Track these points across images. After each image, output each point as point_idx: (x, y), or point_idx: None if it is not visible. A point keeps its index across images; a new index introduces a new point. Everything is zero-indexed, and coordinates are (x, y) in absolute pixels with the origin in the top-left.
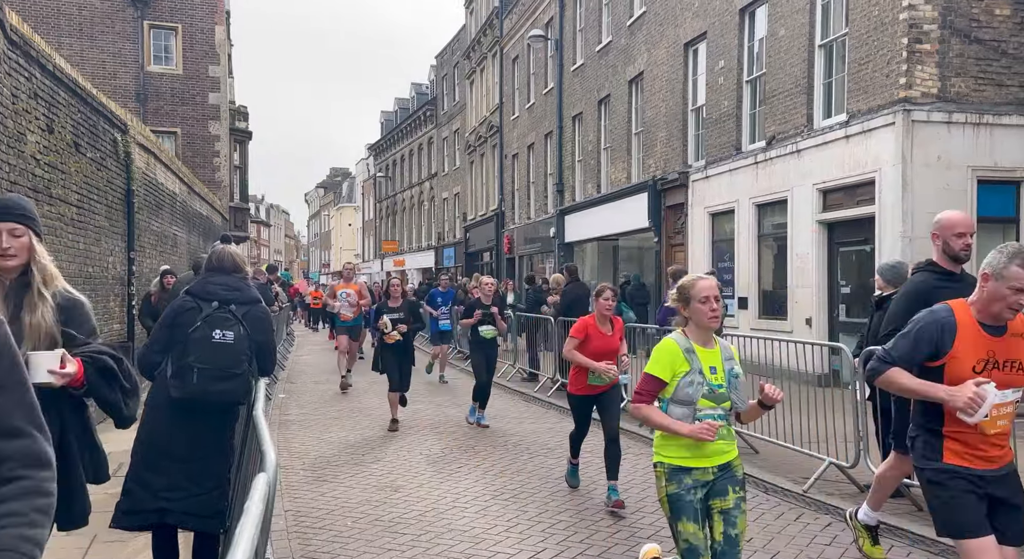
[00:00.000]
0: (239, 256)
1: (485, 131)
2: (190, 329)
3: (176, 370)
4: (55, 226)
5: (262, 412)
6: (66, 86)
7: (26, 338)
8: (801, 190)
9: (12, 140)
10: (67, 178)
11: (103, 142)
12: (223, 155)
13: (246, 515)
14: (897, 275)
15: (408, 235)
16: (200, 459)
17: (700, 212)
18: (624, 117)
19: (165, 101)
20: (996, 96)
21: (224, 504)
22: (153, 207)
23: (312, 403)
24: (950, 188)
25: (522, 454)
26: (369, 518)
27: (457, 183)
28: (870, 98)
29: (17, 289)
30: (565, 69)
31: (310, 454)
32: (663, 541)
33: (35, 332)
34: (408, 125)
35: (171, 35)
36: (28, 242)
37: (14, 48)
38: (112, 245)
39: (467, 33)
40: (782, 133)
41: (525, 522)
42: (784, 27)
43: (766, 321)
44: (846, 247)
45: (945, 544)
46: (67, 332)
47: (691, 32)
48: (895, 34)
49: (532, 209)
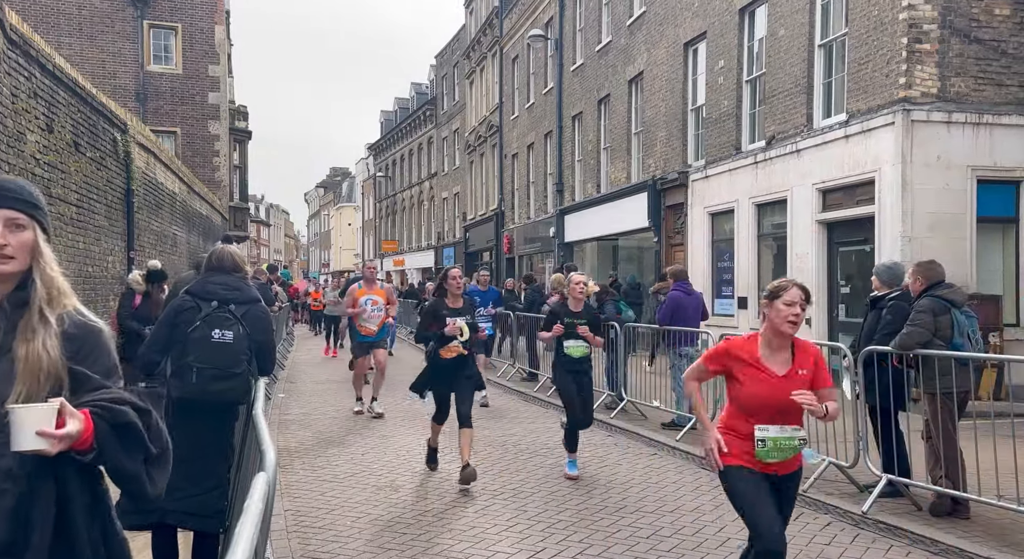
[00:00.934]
0: (239, 256)
1: (485, 131)
2: (189, 328)
3: (175, 370)
4: (55, 226)
5: (262, 411)
6: (66, 86)
7: (19, 378)
8: (801, 190)
9: (12, 139)
10: (67, 178)
11: (103, 142)
12: (223, 155)
13: (246, 515)
14: (893, 276)
15: (408, 235)
16: (200, 459)
17: (700, 212)
18: (624, 117)
19: (165, 101)
20: (996, 96)
21: (224, 504)
22: (153, 207)
23: (312, 403)
24: (950, 188)
25: (521, 453)
26: (369, 517)
27: (457, 183)
28: (870, 98)
29: (11, 308)
30: (565, 69)
31: (310, 454)
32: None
33: (32, 369)
34: (408, 125)
35: (171, 35)
36: (32, 240)
37: (14, 47)
38: (112, 245)
39: (467, 33)
40: (782, 133)
41: (524, 521)
42: (784, 27)
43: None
44: (846, 247)
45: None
46: (76, 371)
47: (691, 32)
48: (895, 34)
49: (532, 209)
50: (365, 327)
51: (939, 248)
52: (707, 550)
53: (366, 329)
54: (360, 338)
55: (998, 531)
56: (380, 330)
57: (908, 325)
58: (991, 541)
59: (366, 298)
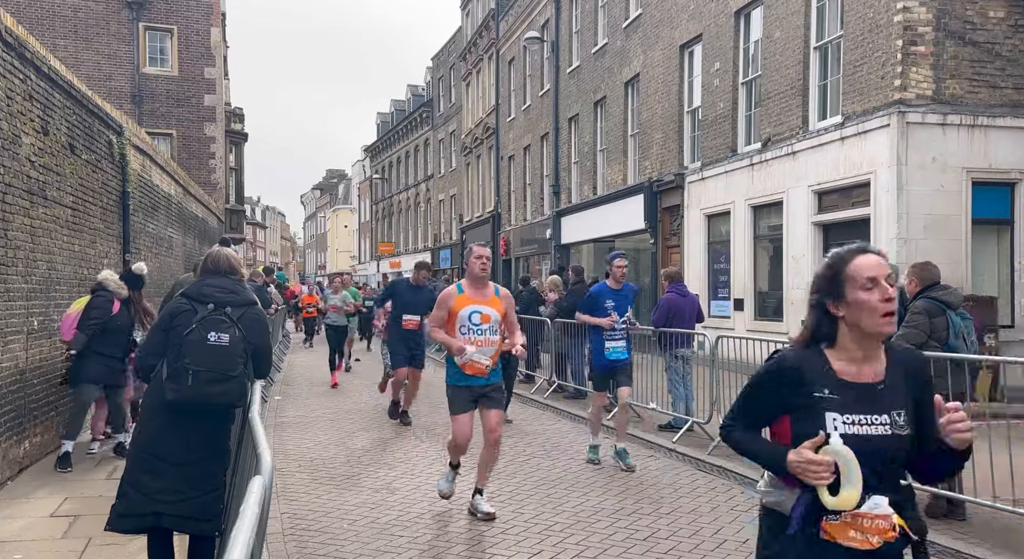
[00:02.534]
0: (235, 258)
1: (481, 133)
2: (185, 331)
3: (171, 373)
4: (50, 228)
5: (258, 414)
6: (61, 88)
7: None
8: (796, 192)
9: (7, 142)
10: (62, 180)
11: (98, 144)
12: (219, 157)
13: (242, 518)
14: None
15: (404, 237)
16: (196, 462)
17: (696, 214)
18: (620, 119)
19: (160, 103)
20: (991, 98)
21: (220, 507)
22: (149, 209)
23: (308, 405)
24: (945, 190)
25: (519, 456)
26: (366, 520)
27: (453, 185)
28: (865, 100)
29: None
30: (561, 71)
31: (306, 456)
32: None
33: None
34: (404, 127)
35: (167, 37)
36: None
37: (9, 50)
38: (107, 248)
39: (463, 35)
40: (777, 135)
41: (521, 524)
42: (779, 29)
43: (762, 323)
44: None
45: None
46: None
47: (687, 34)
48: (890, 36)
49: (528, 211)
50: (474, 364)
51: (934, 250)
52: (704, 552)
53: (475, 367)
54: (454, 379)
55: (994, 533)
56: (494, 370)
57: (903, 327)
58: (987, 543)
59: (471, 310)
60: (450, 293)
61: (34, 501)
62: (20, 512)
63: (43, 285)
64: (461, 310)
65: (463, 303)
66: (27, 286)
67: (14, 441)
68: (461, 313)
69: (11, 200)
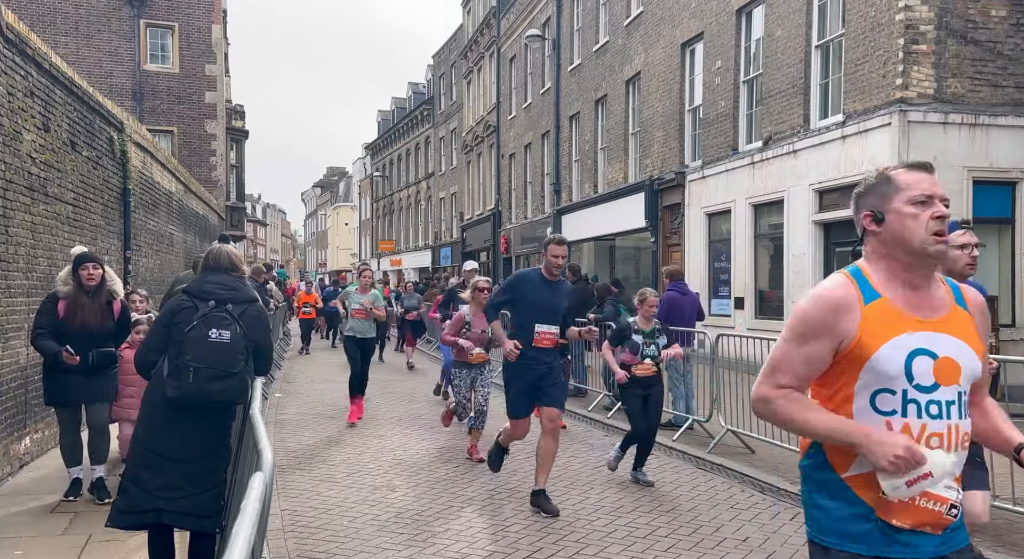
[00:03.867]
0: (236, 255)
1: (482, 131)
2: (186, 328)
3: (172, 369)
4: (51, 225)
5: (259, 411)
6: (62, 84)
7: None
8: (797, 190)
9: (8, 139)
10: (63, 177)
11: (99, 141)
12: (219, 154)
13: (242, 515)
14: None
15: (405, 235)
16: (197, 459)
17: (697, 212)
18: (621, 117)
19: (161, 100)
20: (992, 97)
21: (220, 504)
22: (149, 206)
23: (309, 402)
24: (946, 189)
25: (517, 454)
26: (365, 517)
27: (454, 183)
28: (866, 99)
29: None
30: (562, 69)
31: (307, 453)
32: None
33: None
34: (405, 125)
35: (168, 34)
36: None
37: (10, 46)
38: (108, 244)
39: (464, 33)
40: (779, 133)
41: (521, 521)
42: (781, 27)
43: (763, 321)
44: (842, 247)
45: None
46: None
47: (688, 32)
48: (891, 35)
49: (529, 209)
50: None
51: None
52: (704, 550)
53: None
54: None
55: (993, 531)
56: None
57: None
58: (986, 541)
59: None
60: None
61: (35, 498)
62: (20, 508)
63: (44, 282)
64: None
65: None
66: (28, 282)
67: (15, 437)
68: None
69: (12, 197)
